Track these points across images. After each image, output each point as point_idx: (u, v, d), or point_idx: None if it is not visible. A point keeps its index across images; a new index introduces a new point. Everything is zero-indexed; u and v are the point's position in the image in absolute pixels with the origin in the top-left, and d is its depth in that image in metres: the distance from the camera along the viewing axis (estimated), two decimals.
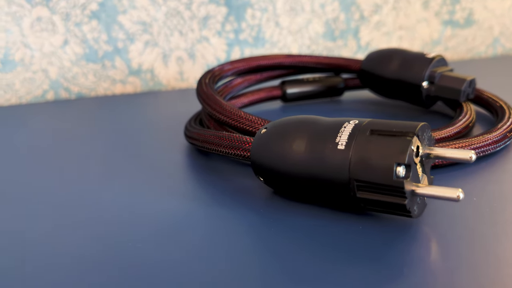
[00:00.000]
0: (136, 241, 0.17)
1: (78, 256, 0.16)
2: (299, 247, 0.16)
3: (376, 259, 0.15)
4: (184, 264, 0.15)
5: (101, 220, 0.19)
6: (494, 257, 0.15)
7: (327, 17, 0.50)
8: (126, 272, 0.15)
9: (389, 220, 0.17)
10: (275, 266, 0.15)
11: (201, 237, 0.17)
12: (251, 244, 0.17)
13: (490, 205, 0.18)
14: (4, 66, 0.46)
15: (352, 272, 0.14)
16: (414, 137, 0.16)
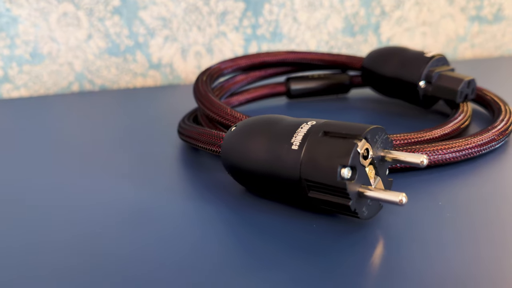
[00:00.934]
0: (105, 227, 0.18)
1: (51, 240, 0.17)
2: (255, 240, 0.17)
3: (316, 254, 0.15)
4: (147, 251, 0.16)
5: (74, 207, 0.20)
6: (433, 263, 0.15)
7: (347, 12, 0.50)
8: (89, 257, 0.16)
9: (345, 220, 0.18)
10: (231, 255, 0.16)
11: (168, 226, 0.18)
12: (213, 234, 0.17)
13: (455, 210, 0.18)
14: (33, 59, 0.49)
15: (290, 264, 0.15)
16: (362, 140, 0.16)
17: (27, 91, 0.50)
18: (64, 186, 0.23)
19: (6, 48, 0.48)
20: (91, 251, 0.16)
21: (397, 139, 0.22)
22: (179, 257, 0.16)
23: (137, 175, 0.23)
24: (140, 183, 0.22)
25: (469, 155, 0.22)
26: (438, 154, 0.21)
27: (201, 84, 0.28)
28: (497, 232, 0.16)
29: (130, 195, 0.21)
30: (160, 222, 0.18)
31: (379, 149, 0.17)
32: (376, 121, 0.31)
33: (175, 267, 0.15)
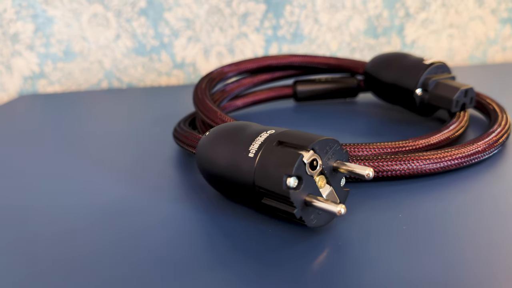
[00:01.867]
0: (82, 220, 0.19)
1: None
2: (214, 240, 0.18)
3: (258, 258, 0.16)
4: (118, 245, 0.17)
5: (58, 202, 0.22)
6: (372, 273, 0.15)
7: (369, 14, 0.49)
8: (62, 250, 0.17)
9: (301, 228, 0.18)
10: (188, 252, 0.17)
11: (141, 222, 0.19)
12: (181, 233, 0.18)
13: (414, 223, 0.18)
14: (66, 57, 0.52)
15: (230, 265, 0.16)
16: (309, 152, 0.16)
17: (61, 86, 0.53)
18: (58, 176, 0.24)
19: (42, 46, 0.51)
20: (66, 244, 0.18)
21: (378, 147, 0.23)
22: (145, 251, 0.17)
23: (131, 172, 0.25)
24: (130, 179, 0.24)
25: (449, 167, 0.22)
26: (414, 164, 0.21)
27: (199, 89, 0.29)
28: (445, 249, 0.16)
29: (115, 190, 0.22)
30: (135, 218, 0.20)
31: (330, 160, 0.17)
32: (375, 127, 0.31)
33: (137, 262, 0.16)
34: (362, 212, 0.19)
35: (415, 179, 0.22)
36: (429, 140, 0.24)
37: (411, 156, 0.22)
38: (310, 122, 0.33)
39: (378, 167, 0.21)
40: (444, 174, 0.22)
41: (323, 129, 0.31)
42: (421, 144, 0.24)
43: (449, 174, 0.22)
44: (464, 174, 0.23)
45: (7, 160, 0.29)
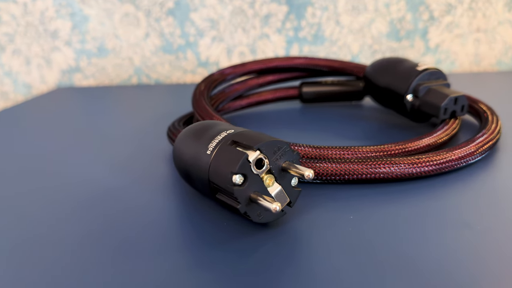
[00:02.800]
0: (69, 205, 0.22)
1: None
2: (178, 229, 0.19)
3: (206, 248, 0.17)
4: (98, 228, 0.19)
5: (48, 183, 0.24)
6: (303, 276, 0.16)
7: (392, 17, 0.49)
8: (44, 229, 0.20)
9: (252, 223, 0.19)
10: (144, 236, 0.18)
11: (121, 209, 0.21)
12: (149, 219, 0.20)
13: (361, 226, 0.19)
14: (100, 53, 0.55)
15: (176, 252, 0.17)
16: (255, 152, 0.17)
17: (95, 81, 0.57)
18: (61, 160, 0.27)
19: (79, 43, 0.55)
20: (53, 223, 0.20)
21: (357, 151, 0.23)
22: (119, 236, 0.19)
23: (128, 164, 0.27)
24: (125, 169, 0.26)
25: (420, 173, 0.22)
26: (380, 169, 0.22)
27: (198, 91, 0.31)
28: (375, 256, 0.17)
29: (106, 179, 0.24)
30: (115, 203, 0.21)
31: (279, 160, 0.18)
32: (373, 131, 0.31)
33: (109, 247, 0.18)
34: (317, 212, 0.20)
35: (390, 183, 0.23)
36: (405, 147, 0.24)
37: (380, 161, 0.22)
38: (309, 124, 0.33)
39: (342, 170, 0.22)
40: (423, 180, 0.23)
41: (321, 131, 0.32)
42: (397, 150, 0.24)
43: (426, 180, 0.23)
44: (440, 180, 0.23)
45: (35, 145, 0.32)
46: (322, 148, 0.23)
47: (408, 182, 0.23)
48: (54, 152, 0.30)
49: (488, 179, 0.23)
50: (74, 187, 0.24)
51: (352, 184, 0.23)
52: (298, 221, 0.19)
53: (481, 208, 0.20)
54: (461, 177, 0.23)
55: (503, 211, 0.19)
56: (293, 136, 0.30)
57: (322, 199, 0.21)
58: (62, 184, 0.24)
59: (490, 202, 0.20)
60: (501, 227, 0.18)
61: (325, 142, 0.29)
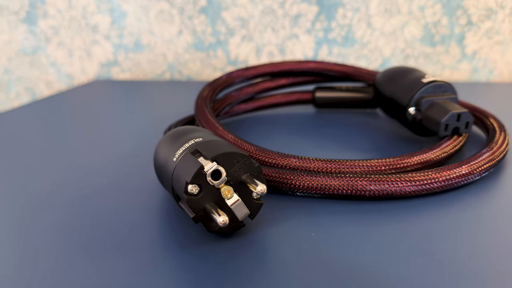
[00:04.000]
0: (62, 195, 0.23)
1: None
2: (149, 230, 0.20)
3: (162, 254, 0.18)
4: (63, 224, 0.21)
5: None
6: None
7: (427, 21, 0.47)
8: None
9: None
10: (114, 232, 0.19)
11: (111, 204, 0.22)
12: (127, 221, 0.21)
13: (319, 244, 0.18)
14: (136, 48, 0.57)
15: (134, 254, 0.18)
16: (212, 163, 0.18)
17: (131, 74, 0.59)
18: (74, 152, 0.28)
19: (117, 37, 0.57)
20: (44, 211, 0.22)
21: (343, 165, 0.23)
22: (89, 231, 0.20)
23: (130, 159, 0.28)
24: (122, 165, 0.27)
25: (397, 193, 0.21)
26: (359, 186, 0.21)
27: (200, 97, 0.31)
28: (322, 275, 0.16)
29: (102, 171, 0.26)
30: (101, 195, 0.22)
31: (239, 172, 0.18)
32: (377, 142, 0.30)
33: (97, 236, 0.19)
34: (284, 225, 0.20)
35: (373, 201, 0.22)
36: (393, 163, 0.23)
37: (359, 178, 0.21)
38: (315, 130, 0.33)
39: (319, 185, 0.22)
40: (407, 199, 0.22)
41: (325, 138, 0.31)
42: (383, 167, 0.23)
43: (410, 200, 0.22)
44: (425, 201, 0.22)
45: (65, 131, 0.34)
46: (306, 159, 0.23)
47: (392, 201, 0.22)
48: (77, 139, 0.32)
49: (470, 207, 0.21)
50: (68, 180, 0.25)
51: (333, 199, 0.22)
52: (260, 233, 0.19)
53: (446, 238, 0.19)
54: (448, 200, 0.22)
55: (471, 242, 0.18)
56: (297, 142, 0.30)
57: (295, 213, 0.21)
58: (56, 176, 0.26)
59: (462, 232, 0.19)
60: (464, 259, 0.17)
61: (327, 150, 0.28)
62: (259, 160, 0.24)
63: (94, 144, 0.31)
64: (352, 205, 0.22)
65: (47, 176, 0.26)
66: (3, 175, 0.27)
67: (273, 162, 0.24)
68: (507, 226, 0.19)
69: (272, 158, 0.24)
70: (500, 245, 0.18)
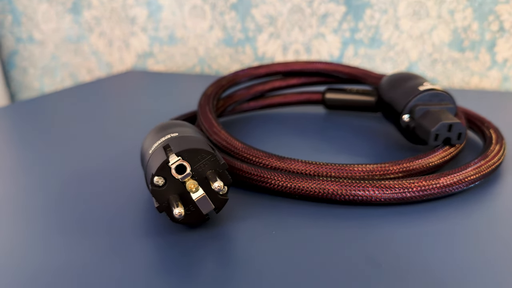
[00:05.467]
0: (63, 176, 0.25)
1: None
2: (119, 212, 0.21)
3: (126, 241, 0.19)
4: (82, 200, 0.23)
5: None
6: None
7: (456, 25, 0.45)
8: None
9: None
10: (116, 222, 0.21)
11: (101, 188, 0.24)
12: (109, 204, 0.23)
13: (277, 243, 0.19)
14: (170, 41, 0.59)
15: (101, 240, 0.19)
16: (177, 157, 0.19)
17: (165, 66, 0.62)
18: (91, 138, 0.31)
19: (153, 30, 0.60)
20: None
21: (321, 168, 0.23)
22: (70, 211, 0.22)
23: (134, 150, 0.30)
24: (125, 156, 0.29)
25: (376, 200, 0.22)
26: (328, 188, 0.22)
27: (203, 99, 0.32)
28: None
29: (102, 158, 0.28)
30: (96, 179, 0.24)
31: (205, 168, 0.19)
32: (378, 148, 0.30)
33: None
34: (252, 221, 0.21)
35: (348, 205, 0.22)
36: (374, 170, 0.23)
37: (327, 181, 0.22)
38: (316, 133, 0.33)
39: (289, 184, 0.22)
40: (383, 207, 0.22)
41: (322, 141, 0.31)
42: (360, 173, 0.23)
43: (387, 208, 0.22)
44: (400, 210, 0.22)
45: (94, 117, 0.36)
46: (286, 160, 0.24)
47: (364, 208, 0.22)
48: (105, 124, 0.35)
49: (441, 219, 0.21)
50: (69, 163, 0.27)
51: (307, 201, 0.23)
52: (225, 227, 0.20)
53: (401, 249, 0.19)
54: (422, 211, 0.22)
55: (423, 256, 0.18)
56: (295, 142, 0.31)
57: (265, 211, 0.22)
58: (64, 157, 0.28)
59: (418, 245, 0.19)
60: (409, 272, 0.17)
61: (322, 153, 0.29)
62: (244, 157, 0.25)
63: (119, 130, 0.34)
64: (325, 209, 0.22)
65: (71, 154, 0.29)
66: (39, 149, 0.30)
67: (256, 160, 0.24)
68: (472, 244, 0.19)
69: (256, 157, 0.25)
70: (449, 264, 0.18)
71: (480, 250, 0.18)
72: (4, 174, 0.27)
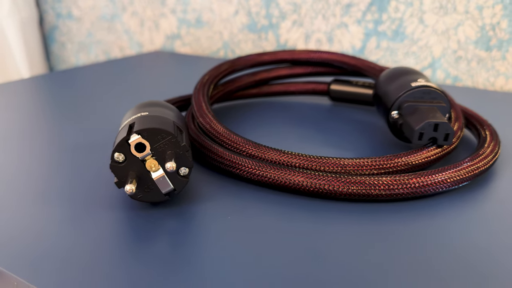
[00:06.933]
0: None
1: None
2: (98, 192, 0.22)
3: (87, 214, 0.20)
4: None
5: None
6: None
7: (484, 22, 0.43)
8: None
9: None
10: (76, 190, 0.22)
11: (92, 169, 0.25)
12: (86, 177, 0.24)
13: (229, 229, 0.19)
14: (197, 24, 0.60)
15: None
16: (136, 136, 0.19)
17: (191, 49, 0.62)
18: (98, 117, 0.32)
19: (182, 12, 0.61)
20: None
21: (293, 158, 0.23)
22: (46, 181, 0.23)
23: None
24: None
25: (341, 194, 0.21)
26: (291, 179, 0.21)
27: (199, 85, 0.32)
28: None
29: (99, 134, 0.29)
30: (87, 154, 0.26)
31: (165, 149, 0.20)
32: (360, 142, 0.29)
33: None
34: (206, 204, 0.21)
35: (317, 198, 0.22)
36: (343, 163, 0.23)
37: (294, 172, 0.22)
38: (311, 124, 0.33)
39: (258, 171, 0.22)
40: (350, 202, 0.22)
41: (313, 132, 0.31)
42: (330, 167, 0.23)
43: (350, 203, 0.22)
44: (362, 207, 0.21)
45: (112, 96, 0.38)
46: (261, 148, 0.24)
47: (328, 202, 0.22)
48: (120, 103, 0.38)
49: (395, 221, 0.21)
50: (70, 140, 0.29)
51: (273, 189, 0.23)
52: (184, 207, 0.21)
53: (340, 245, 0.19)
54: (385, 210, 0.21)
55: (368, 256, 0.18)
56: (286, 132, 0.31)
57: (229, 196, 0.22)
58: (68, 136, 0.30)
59: (366, 244, 0.19)
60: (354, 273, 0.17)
61: (306, 144, 0.29)
62: (224, 142, 0.25)
63: (107, 110, 0.35)
64: (290, 200, 0.22)
65: (84, 126, 0.31)
66: (59, 117, 0.33)
67: (234, 146, 0.25)
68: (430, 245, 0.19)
69: (234, 143, 0.25)
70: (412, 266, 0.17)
71: (424, 254, 0.18)
72: (16, 136, 0.29)
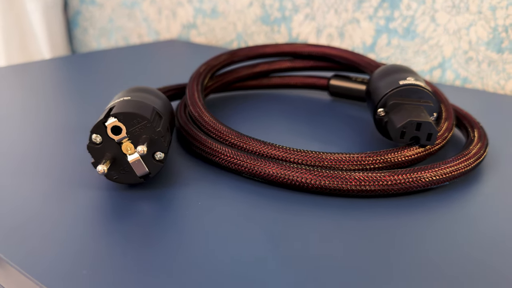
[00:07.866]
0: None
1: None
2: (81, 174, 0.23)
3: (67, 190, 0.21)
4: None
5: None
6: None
7: (497, 23, 0.42)
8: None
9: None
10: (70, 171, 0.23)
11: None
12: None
13: (197, 215, 0.20)
14: (212, 14, 0.61)
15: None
16: (112, 119, 0.20)
17: (206, 39, 0.63)
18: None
19: (198, 2, 0.61)
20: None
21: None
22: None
23: None
24: None
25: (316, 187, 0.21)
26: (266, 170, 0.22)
27: (194, 76, 0.32)
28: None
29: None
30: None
31: (140, 133, 0.20)
32: (346, 138, 0.29)
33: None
34: (181, 189, 0.22)
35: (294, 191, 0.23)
36: (320, 157, 0.23)
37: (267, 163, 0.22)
38: (304, 118, 0.33)
39: (238, 160, 0.23)
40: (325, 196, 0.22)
41: (302, 127, 0.31)
42: (309, 160, 0.23)
43: (325, 197, 0.22)
44: (337, 202, 0.22)
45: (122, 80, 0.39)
46: (244, 138, 0.24)
47: (300, 194, 0.22)
48: (126, 87, 0.39)
49: (361, 217, 0.21)
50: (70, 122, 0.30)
51: (254, 180, 0.23)
52: (162, 192, 0.22)
53: (304, 236, 0.19)
54: (356, 206, 0.21)
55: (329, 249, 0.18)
56: (277, 125, 0.31)
57: (203, 182, 0.23)
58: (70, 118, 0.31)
59: (323, 238, 0.19)
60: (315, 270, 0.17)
61: (294, 137, 0.29)
62: (209, 131, 0.26)
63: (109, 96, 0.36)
64: (266, 190, 0.22)
65: (89, 108, 0.32)
66: (70, 98, 0.34)
67: (218, 135, 0.25)
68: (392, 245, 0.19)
69: (219, 132, 0.25)
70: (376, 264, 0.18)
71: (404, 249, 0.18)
72: (33, 114, 0.30)
